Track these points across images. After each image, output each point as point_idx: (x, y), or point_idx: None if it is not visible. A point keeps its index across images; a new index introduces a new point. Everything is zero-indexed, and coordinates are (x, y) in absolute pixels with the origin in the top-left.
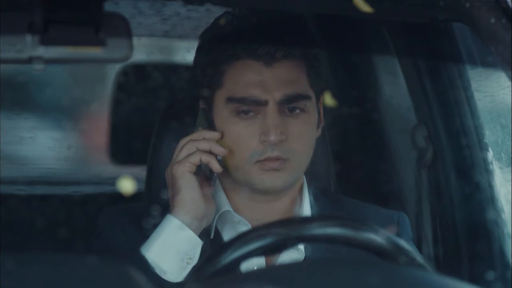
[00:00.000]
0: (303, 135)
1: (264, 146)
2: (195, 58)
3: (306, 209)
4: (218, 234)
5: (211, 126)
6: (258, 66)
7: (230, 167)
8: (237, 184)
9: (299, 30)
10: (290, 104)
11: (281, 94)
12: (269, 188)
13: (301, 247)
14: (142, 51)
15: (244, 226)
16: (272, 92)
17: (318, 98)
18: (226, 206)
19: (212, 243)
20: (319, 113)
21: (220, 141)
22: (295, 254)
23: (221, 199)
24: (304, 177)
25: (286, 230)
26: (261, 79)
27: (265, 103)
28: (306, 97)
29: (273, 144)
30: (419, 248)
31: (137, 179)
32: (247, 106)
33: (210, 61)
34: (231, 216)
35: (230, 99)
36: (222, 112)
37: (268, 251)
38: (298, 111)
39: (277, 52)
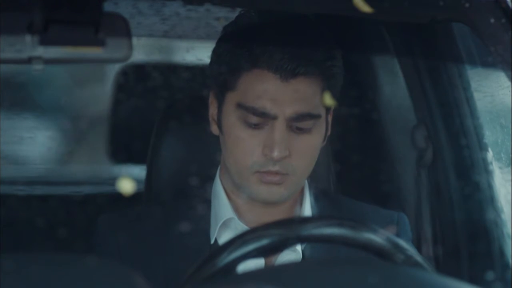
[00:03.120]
0: (307, 153)
1: (266, 159)
2: (214, 51)
3: (307, 210)
4: (219, 239)
5: (218, 124)
6: (274, 79)
7: (230, 169)
8: (236, 187)
9: (324, 48)
10: (299, 121)
11: (292, 111)
12: (265, 200)
13: (300, 247)
14: (142, 51)
15: None
16: (283, 108)
17: (328, 112)
18: (229, 212)
19: (212, 248)
20: (327, 126)
21: (225, 142)
22: (294, 254)
23: (223, 203)
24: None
25: (285, 231)
26: (274, 92)
27: (274, 117)
28: (317, 116)
29: (275, 160)
30: (419, 248)
31: (136, 179)
32: (255, 117)
33: (228, 62)
34: (234, 224)
35: (240, 105)
36: (230, 116)
37: (267, 251)
38: (306, 128)
39: (297, 69)
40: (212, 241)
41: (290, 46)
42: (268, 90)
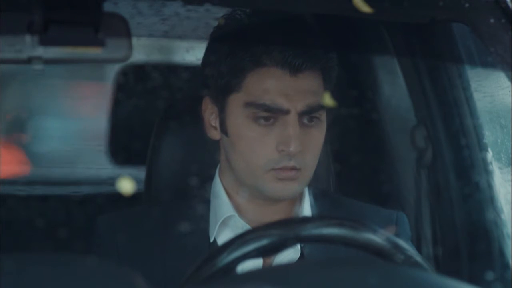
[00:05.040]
0: (317, 145)
1: (281, 155)
2: (205, 58)
3: (306, 210)
4: (218, 237)
5: (222, 128)
6: (283, 74)
7: (239, 170)
8: (238, 185)
9: (324, 41)
10: (309, 114)
11: (303, 105)
12: (280, 197)
13: (299, 247)
14: (142, 51)
15: None
16: (294, 102)
17: None
18: (230, 210)
19: (212, 246)
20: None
21: (233, 144)
22: (293, 254)
23: (223, 202)
24: None
25: (284, 231)
26: (285, 88)
27: (286, 112)
28: (324, 107)
29: (292, 155)
30: (419, 248)
31: (136, 179)
32: (266, 113)
33: (228, 64)
34: (234, 221)
35: (249, 104)
36: (237, 117)
37: (267, 251)
38: (314, 121)
39: (304, 63)
40: (212, 240)
41: (288, 43)
42: (279, 86)
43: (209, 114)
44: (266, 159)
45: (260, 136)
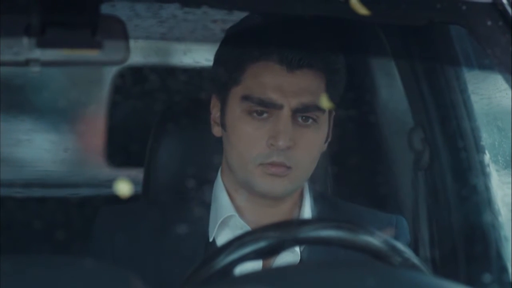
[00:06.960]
0: (311, 146)
1: (271, 150)
2: (217, 54)
3: (307, 213)
4: (218, 237)
5: (222, 123)
6: (280, 70)
7: (233, 165)
8: (239, 185)
9: (327, 42)
10: (304, 113)
11: (298, 102)
12: (267, 193)
13: (298, 249)
14: (139, 53)
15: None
16: (289, 98)
17: (330, 113)
18: (230, 210)
19: (210, 246)
20: (329, 126)
21: (229, 138)
22: (292, 256)
23: (224, 201)
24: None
25: (283, 233)
26: (280, 83)
27: (280, 108)
28: (321, 109)
29: (281, 150)
30: (416, 251)
31: (134, 181)
32: (261, 107)
33: (232, 57)
34: (234, 221)
35: (246, 98)
36: (234, 109)
37: (265, 253)
38: (310, 121)
39: (301, 60)
40: (211, 239)
41: (294, 42)
42: (274, 80)
43: (216, 111)
44: (256, 154)
45: (253, 130)
